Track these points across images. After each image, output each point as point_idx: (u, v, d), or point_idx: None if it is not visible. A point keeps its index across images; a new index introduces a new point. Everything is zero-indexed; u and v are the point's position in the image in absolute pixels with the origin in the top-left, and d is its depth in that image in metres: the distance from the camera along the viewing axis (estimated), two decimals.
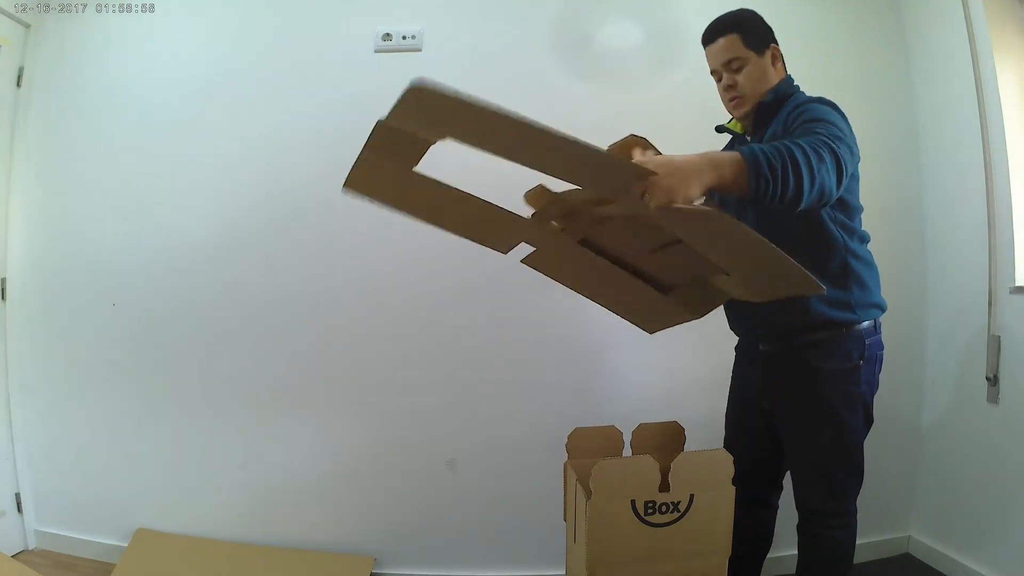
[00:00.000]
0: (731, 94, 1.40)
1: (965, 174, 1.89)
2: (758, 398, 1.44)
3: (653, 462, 1.20)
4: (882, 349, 1.38)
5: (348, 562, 1.98)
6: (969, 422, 1.89)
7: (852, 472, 1.37)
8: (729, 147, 1.52)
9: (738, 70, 1.37)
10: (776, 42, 1.40)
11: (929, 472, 2.05)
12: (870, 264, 1.36)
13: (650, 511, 1.20)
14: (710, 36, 1.40)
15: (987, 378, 1.80)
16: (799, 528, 1.42)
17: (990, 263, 1.81)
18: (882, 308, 1.37)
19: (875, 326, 1.35)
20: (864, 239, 1.37)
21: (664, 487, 1.21)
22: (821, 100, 1.31)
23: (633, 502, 1.20)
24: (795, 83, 1.42)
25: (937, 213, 2.04)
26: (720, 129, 1.52)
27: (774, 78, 1.39)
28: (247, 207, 2.04)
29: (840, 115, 1.27)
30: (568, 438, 1.50)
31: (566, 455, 1.51)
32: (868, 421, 1.38)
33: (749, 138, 1.44)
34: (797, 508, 1.42)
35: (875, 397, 1.38)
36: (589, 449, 1.47)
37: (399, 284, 2.01)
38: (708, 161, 1.02)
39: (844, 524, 1.38)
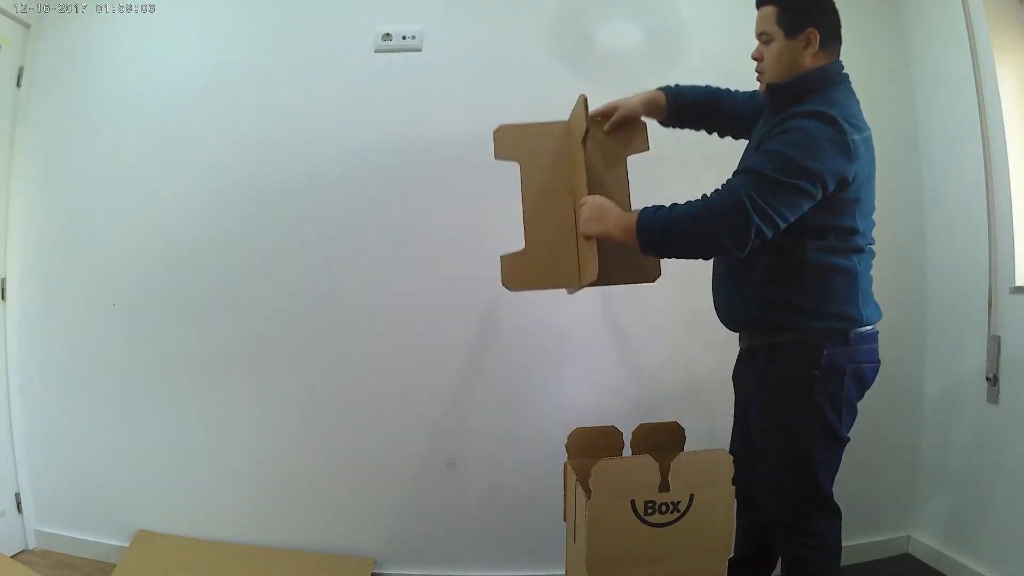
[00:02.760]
0: (756, 66, 1.37)
1: (965, 174, 1.89)
2: (740, 396, 1.47)
3: (653, 462, 1.20)
4: (860, 363, 1.29)
5: (349, 564, 1.98)
6: (969, 422, 1.88)
7: (808, 489, 1.30)
8: (758, 112, 1.47)
9: (766, 43, 1.33)
10: (818, 26, 1.30)
11: (929, 472, 2.04)
12: (849, 274, 1.27)
13: (650, 511, 1.20)
14: (758, 1, 1.35)
15: (987, 378, 1.80)
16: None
17: (990, 263, 1.81)
18: (857, 321, 1.27)
19: (847, 338, 1.27)
20: (851, 250, 1.28)
21: (664, 487, 1.21)
22: (813, 114, 1.21)
23: (633, 502, 1.20)
24: (830, 75, 1.31)
25: (937, 213, 2.04)
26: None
27: (802, 64, 1.30)
28: (247, 207, 2.04)
29: (822, 135, 1.19)
30: (568, 438, 1.50)
31: (566, 455, 1.51)
32: (832, 439, 1.29)
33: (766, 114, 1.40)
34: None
35: (873, 397, 1.36)
36: (589, 449, 1.47)
37: (399, 285, 2.01)
38: (616, 216, 1.27)
39: (811, 544, 1.31)
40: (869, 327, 1.30)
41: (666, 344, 2.00)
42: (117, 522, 2.05)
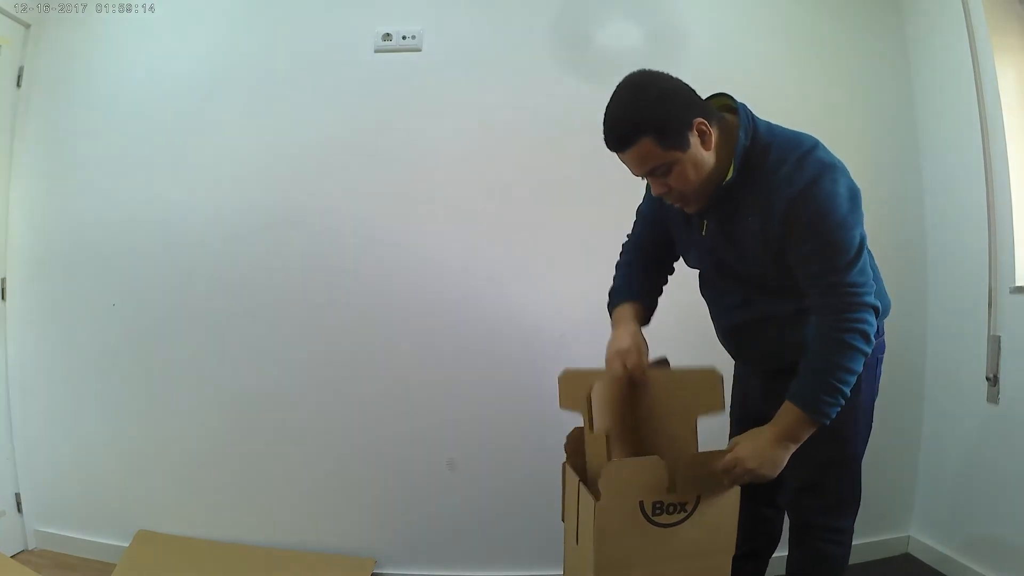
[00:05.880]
0: (671, 199, 1.20)
1: (965, 174, 1.89)
2: (760, 404, 1.38)
3: (662, 462, 1.20)
4: (883, 351, 1.33)
5: (349, 564, 1.98)
6: (969, 422, 1.89)
7: (850, 486, 1.32)
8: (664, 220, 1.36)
9: (666, 175, 1.14)
10: (701, 112, 1.12)
11: (929, 472, 2.05)
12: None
13: (658, 511, 1.20)
14: (616, 144, 1.13)
15: (987, 378, 1.80)
16: (791, 538, 1.39)
17: (990, 263, 1.81)
18: (886, 309, 1.29)
19: (879, 330, 1.28)
20: None
21: (672, 487, 1.20)
22: (812, 172, 1.10)
23: (642, 503, 1.19)
24: (748, 129, 1.15)
25: (937, 213, 2.04)
26: None
27: (710, 156, 1.14)
28: (247, 207, 2.04)
29: (838, 177, 1.11)
30: (567, 438, 1.50)
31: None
32: (868, 431, 1.33)
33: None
34: (790, 518, 1.39)
35: (875, 398, 1.36)
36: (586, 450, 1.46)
37: (399, 285, 2.01)
38: (789, 439, 1.15)
39: (839, 541, 1.34)
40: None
41: (664, 345, 2.00)
42: (117, 522, 2.05)
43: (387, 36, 2.02)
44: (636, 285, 1.40)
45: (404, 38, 2.02)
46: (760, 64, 2.04)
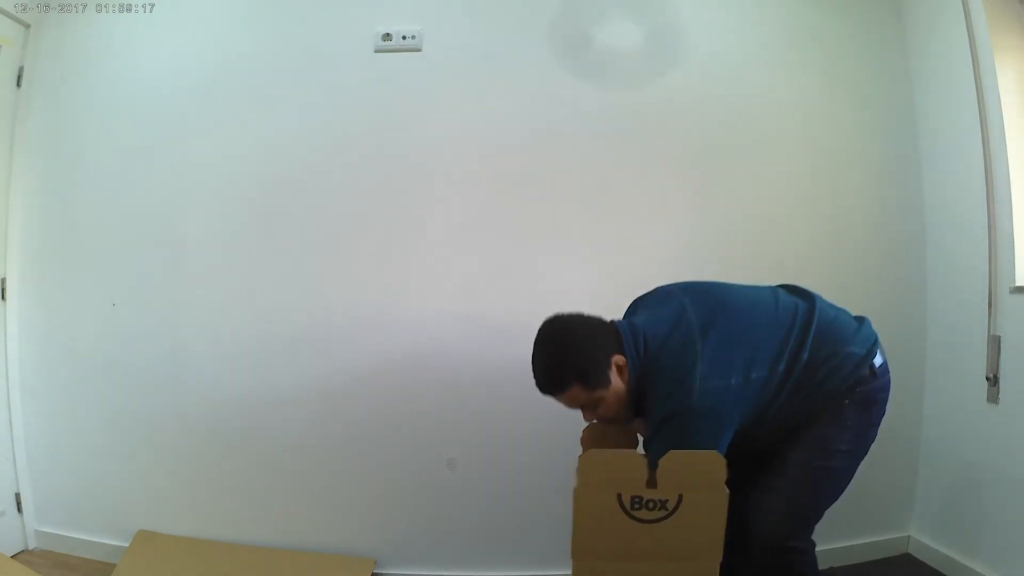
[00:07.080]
0: (604, 422, 1.37)
1: (965, 174, 1.89)
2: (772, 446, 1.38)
3: (641, 457, 1.20)
4: (883, 392, 1.34)
5: (349, 564, 1.98)
6: (969, 422, 1.88)
7: (817, 512, 1.34)
8: None
9: (594, 409, 1.31)
10: (614, 348, 1.27)
11: (929, 472, 2.05)
12: (833, 326, 1.30)
13: (637, 506, 1.19)
14: (548, 391, 1.30)
15: (987, 378, 1.80)
16: (737, 544, 1.35)
17: (990, 263, 1.81)
18: (873, 345, 1.31)
19: (881, 368, 1.31)
20: (805, 326, 1.28)
21: (652, 483, 1.20)
22: (665, 407, 1.23)
23: (620, 496, 1.19)
24: (635, 353, 1.28)
25: (937, 213, 2.04)
26: None
27: (624, 385, 1.28)
28: (247, 207, 2.04)
29: (684, 416, 1.21)
30: (584, 431, 1.50)
31: (567, 455, 1.50)
32: (853, 471, 1.33)
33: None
34: (749, 528, 1.36)
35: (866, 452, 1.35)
36: (602, 443, 1.46)
37: (397, 284, 2.01)
38: None
39: (803, 561, 1.34)
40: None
41: None
42: (117, 522, 2.05)
43: (387, 36, 2.02)
44: None
45: (404, 38, 2.02)
46: (760, 64, 2.05)
